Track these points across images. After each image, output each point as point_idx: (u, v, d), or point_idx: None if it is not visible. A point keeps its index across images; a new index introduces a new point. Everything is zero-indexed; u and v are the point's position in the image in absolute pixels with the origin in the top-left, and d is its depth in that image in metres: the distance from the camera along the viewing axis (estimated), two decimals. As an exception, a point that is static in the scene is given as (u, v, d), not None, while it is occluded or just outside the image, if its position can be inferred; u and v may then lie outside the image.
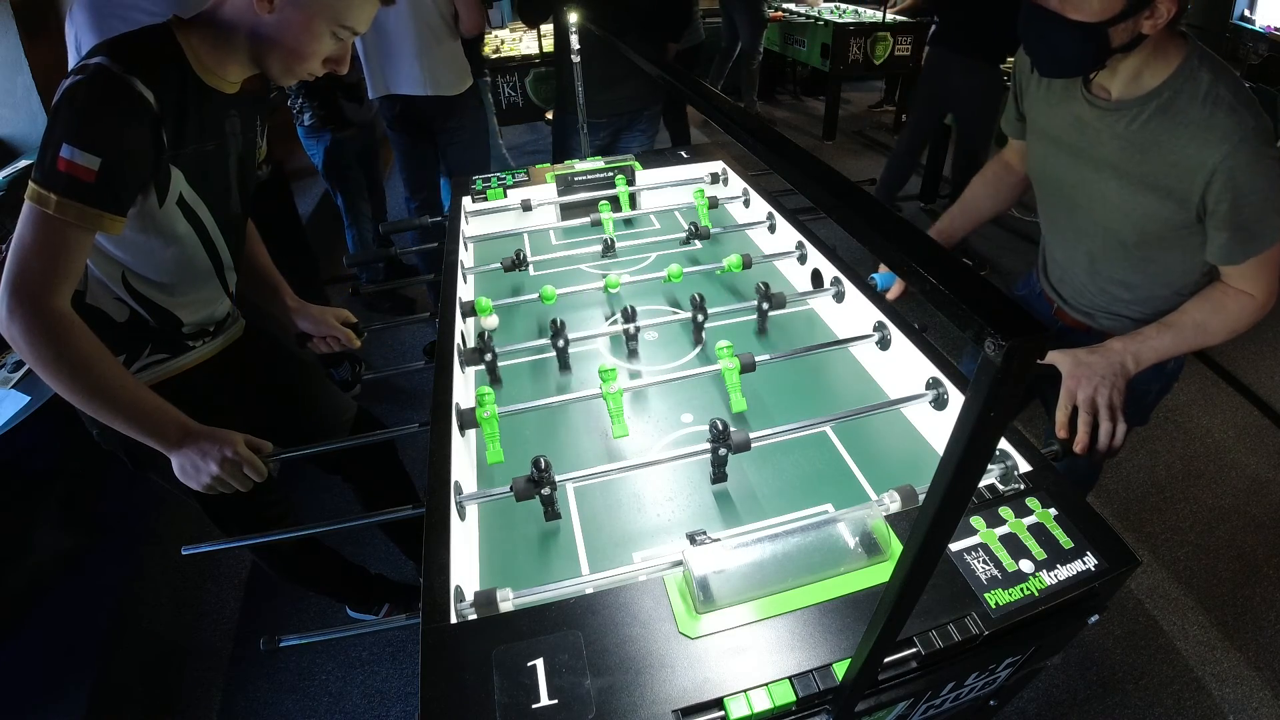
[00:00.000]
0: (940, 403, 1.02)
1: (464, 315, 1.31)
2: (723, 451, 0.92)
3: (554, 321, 1.18)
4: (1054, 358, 1.07)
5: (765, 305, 1.28)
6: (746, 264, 1.40)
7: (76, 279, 0.92)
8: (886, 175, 3.67)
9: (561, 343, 1.20)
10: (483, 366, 1.21)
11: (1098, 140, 1.07)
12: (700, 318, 1.26)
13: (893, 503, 0.84)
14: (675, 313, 1.32)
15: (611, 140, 2.49)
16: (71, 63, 1.70)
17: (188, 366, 1.20)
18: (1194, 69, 0.97)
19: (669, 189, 1.86)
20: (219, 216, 1.11)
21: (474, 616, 0.74)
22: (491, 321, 1.20)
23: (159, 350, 1.15)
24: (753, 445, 0.91)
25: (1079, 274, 1.24)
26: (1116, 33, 0.93)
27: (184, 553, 0.99)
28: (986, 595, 0.72)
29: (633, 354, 1.27)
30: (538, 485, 0.86)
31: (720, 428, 0.91)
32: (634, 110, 2.43)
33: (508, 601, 0.75)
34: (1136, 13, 0.91)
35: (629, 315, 1.22)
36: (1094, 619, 0.76)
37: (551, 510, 0.91)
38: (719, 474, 0.97)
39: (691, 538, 0.77)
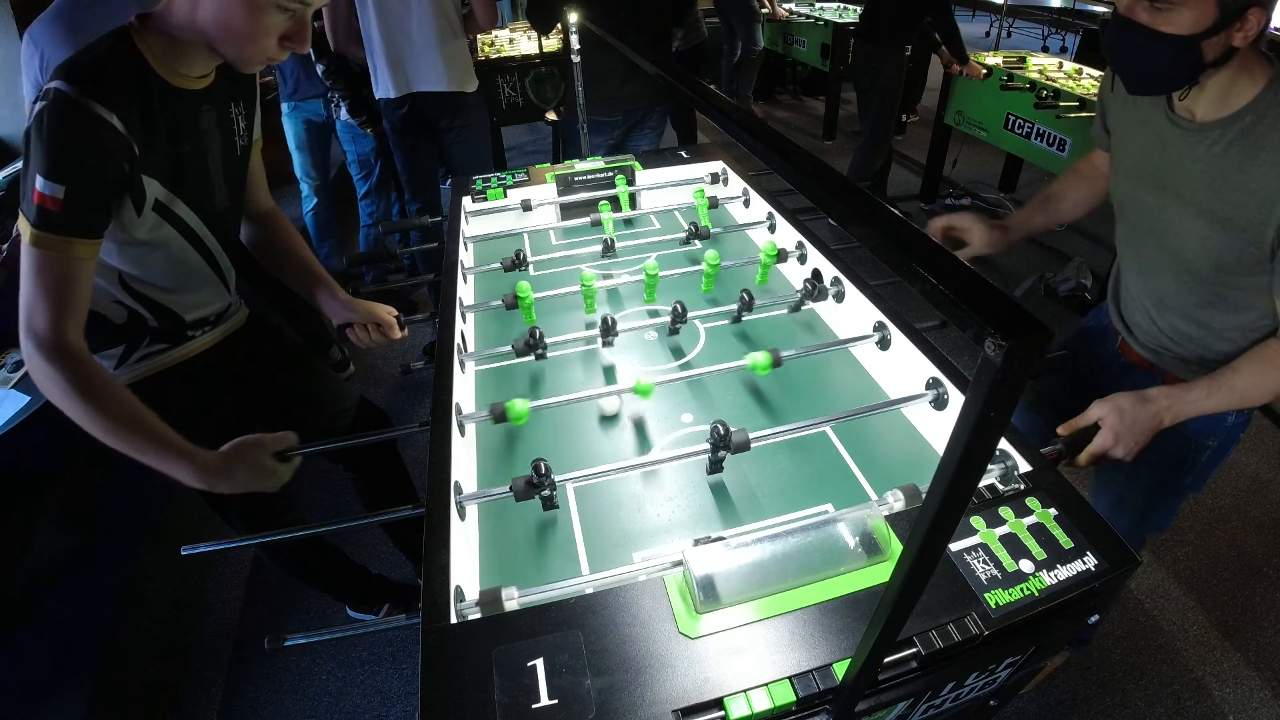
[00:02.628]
0: (940, 403, 1.02)
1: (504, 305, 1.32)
2: (721, 453, 0.92)
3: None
4: (1098, 410, 0.98)
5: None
6: (800, 256, 1.44)
7: (79, 312, 0.92)
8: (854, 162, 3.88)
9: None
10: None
11: (1179, 164, 1.02)
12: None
13: (896, 501, 0.84)
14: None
15: (623, 139, 2.50)
16: (26, 87, 1.68)
17: (187, 356, 1.19)
18: (1279, 91, 0.92)
19: (669, 189, 1.85)
20: (205, 214, 1.10)
21: (476, 616, 0.74)
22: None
23: (158, 341, 1.15)
24: (752, 445, 0.91)
25: (1149, 306, 1.16)
26: (1209, 46, 0.89)
27: (184, 552, 0.99)
28: (986, 595, 0.72)
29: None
30: (537, 488, 0.86)
31: (721, 432, 0.91)
32: (646, 107, 2.44)
33: (513, 600, 0.75)
34: (1229, 24, 0.87)
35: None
36: (1094, 619, 0.76)
37: (550, 502, 0.91)
38: (715, 467, 0.97)
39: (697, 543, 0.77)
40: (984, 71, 3.39)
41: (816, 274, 1.39)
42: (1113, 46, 0.98)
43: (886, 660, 0.67)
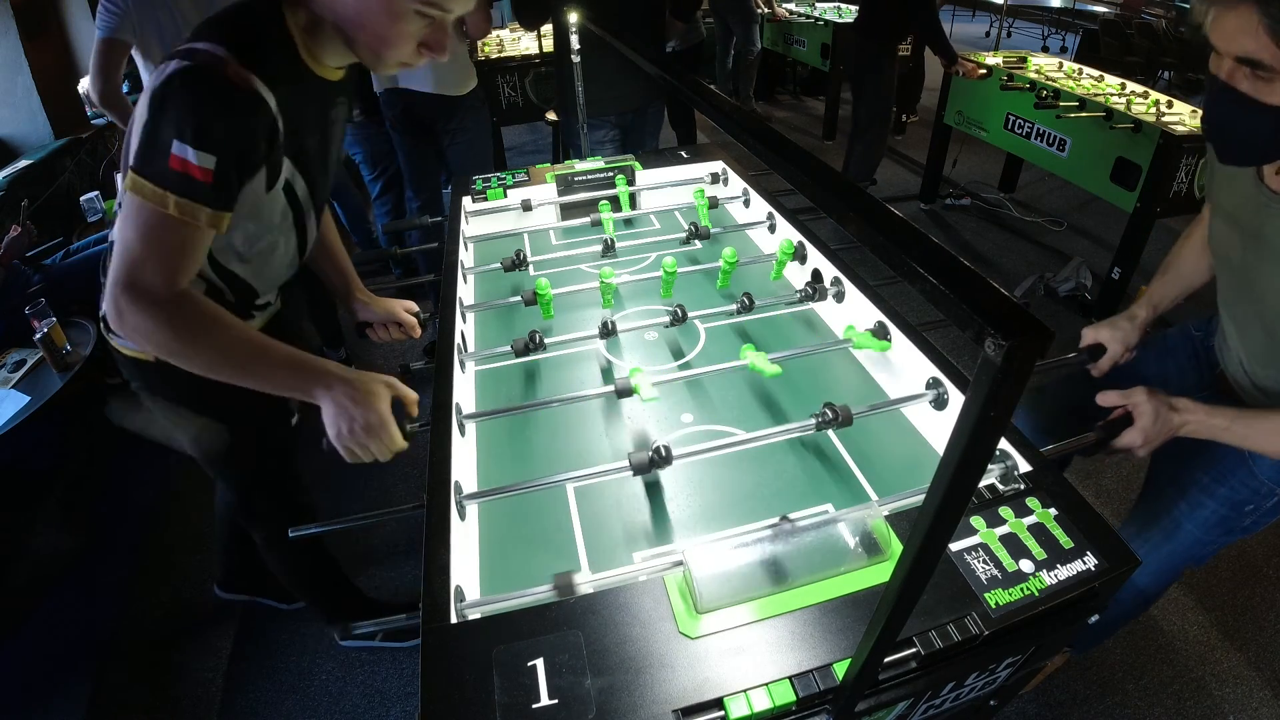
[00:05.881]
0: (940, 403, 1.02)
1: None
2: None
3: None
4: (1140, 405, 0.98)
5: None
6: (800, 256, 1.43)
7: (193, 271, 0.89)
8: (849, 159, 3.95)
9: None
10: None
11: (1264, 231, 1.00)
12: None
13: (897, 501, 0.84)
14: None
15: (622, 137, 2.49)
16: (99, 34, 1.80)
17: None
18: None
19: (669, 189, 1.86)
20: (316, 199, 1.10)
21: (477, 616, 0.74)
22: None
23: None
24: (753, 445, 0.91)
25: (1244, 360, 1.13)
26: None
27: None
28: (986, 595, 0.72)
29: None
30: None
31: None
32: (640, 106, 2.44)
33: (587, 584, 0.75)
34: None
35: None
36: (1094, 619, 0.76)
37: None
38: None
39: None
40: (982, 71, 3.39)
41: (816, 274, 1.39)
42: (1209, 114, 0.93)
43: (886, 660, 0.67)
